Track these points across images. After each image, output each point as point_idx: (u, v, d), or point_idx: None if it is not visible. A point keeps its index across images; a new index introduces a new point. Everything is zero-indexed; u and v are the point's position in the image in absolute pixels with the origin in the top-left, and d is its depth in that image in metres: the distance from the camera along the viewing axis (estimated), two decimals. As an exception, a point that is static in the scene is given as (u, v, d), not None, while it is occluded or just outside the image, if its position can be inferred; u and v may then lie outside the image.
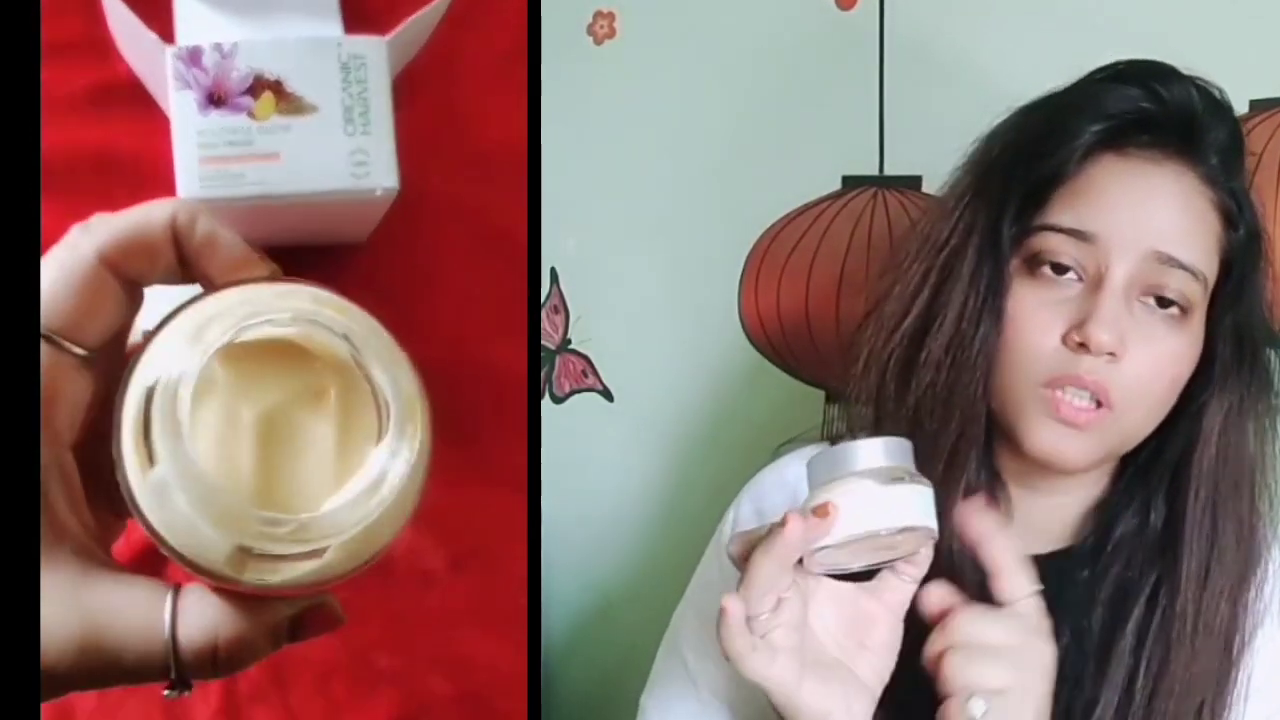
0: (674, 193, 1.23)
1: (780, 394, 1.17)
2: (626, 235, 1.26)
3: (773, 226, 1.17)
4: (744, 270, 1.18)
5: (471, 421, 0.83)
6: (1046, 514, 0.77)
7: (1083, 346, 0.69)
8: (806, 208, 1.15)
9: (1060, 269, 0.71)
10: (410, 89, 0.71)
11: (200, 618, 0.43)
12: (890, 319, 0.77)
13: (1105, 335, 0.68)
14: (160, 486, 0.41)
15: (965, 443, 0.73)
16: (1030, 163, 0.74)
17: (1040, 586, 0.64)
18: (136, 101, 0.76)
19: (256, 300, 0.44)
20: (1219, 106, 0.74)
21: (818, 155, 1.14)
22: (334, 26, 0.72)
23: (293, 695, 0.78)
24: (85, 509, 0.45)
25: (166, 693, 0.43)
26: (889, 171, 1.12)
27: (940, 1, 1.08)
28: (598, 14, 1.24)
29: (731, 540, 0.63)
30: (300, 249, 0.79)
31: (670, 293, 1.24)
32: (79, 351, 0.45)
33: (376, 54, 0.67)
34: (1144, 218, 0.70)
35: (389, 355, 0.45)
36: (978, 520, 0.64)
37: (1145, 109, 0.72)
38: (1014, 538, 0.65)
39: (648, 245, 1.25)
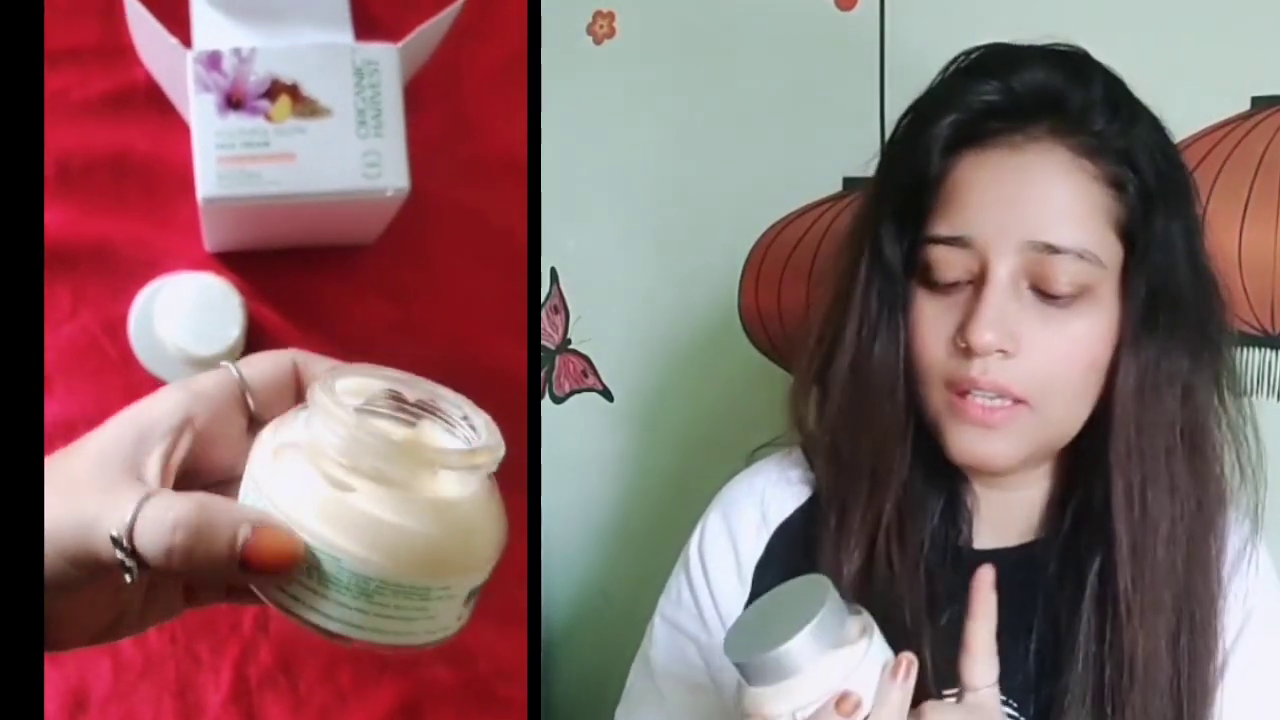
0: (674, 192, 1.26)
1: (780, 394, 1.17)
2: (626, 235, 1.29)
3: (773, 227, 1.20)
4: (744, 270, 1.21)
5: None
6: (1011, 509, 0.78)
7: (968, 349, 0.69)
8: (807, 208, 1.18)
9: (952, 278, 0.71)
10: (417, 95, 0.76)
11: (164, 510, 0.48)
12: (807, 350, 0.79)
13: (987, 335, 0.68)
14: None
15: (884, 459, 0.75)
16: (896, 172, 0.75)
17: (995, 678, 0.64)
18: (152, 105, 0.82)
19: None
20: (1082, 70, 0.72)
21: (818, 155, 1.17)
22: (345, 34, 0.77)
23: (301, 682, 0.83)
24: (171, 468, 0.51)
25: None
26: (889, 172, 1.15)
27: (940, 2, 1.11)
28: (598, 14, 1.28)
29: None
30: (311, 250, 0.85)
31: (670, 293, 1.27)
32: (250, 404, 0.54)
33: (389, 60, 0.72)
34: (1012, 209, 0.69)
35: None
36: (983, 594, 0.64)
37: (992, 99, 0.71)
38: (992, 626, 0.64)
39: (648, 245, 1.28)
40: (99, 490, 0.49)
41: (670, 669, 0.85)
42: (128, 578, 0.48)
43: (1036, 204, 0.69)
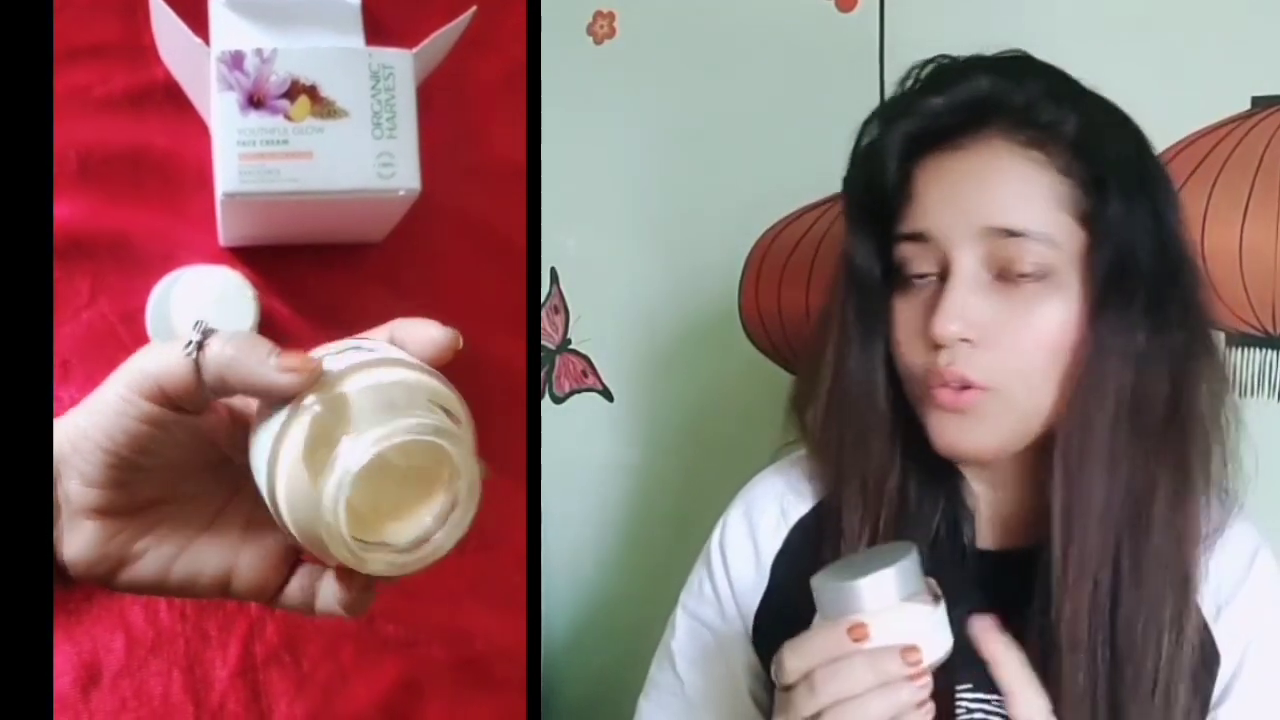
0: (674, 192, 1.31)
1: (781, 394, 1.17)
2: (626, 235, 1.34)
3: (773, 227, 1.25)
4: (744, 270, 1.26)
5: (475, 414, 0.94)
6: (1014, 509, 0.82)
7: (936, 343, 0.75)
8: (807, 208, 1.23)
9: (920, 275, 0.77)
10: (425, 100, 0.81)
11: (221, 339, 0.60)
12: (807, 362, 0.86)
13: (951, 325, 0.74)
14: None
15: (873, 466, 0.80)
16: (858, 183, 0.82)
17: (1046, 705, 0.70)
18: (170, 102, 0.88)
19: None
20: (1021, 70, 0.78)
21: (817, 156, 1.14)
22: (357, 38, 0.83)
23: (305, 658, 0.89)
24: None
25: None
26: (889, 173, 1.20)
27: (940, 3, 1.16)
28: (598, 14, 1.34)
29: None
30: (322, 247, 0.92)
31: (670, 293, 1.32)
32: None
33: (404, 64, 0.78)
34: (966, 200, 0.75)
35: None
36: (989, 641, 0.69)
37: (934, 105, 0.78)
38: (1022, 658, 0.70)
39: (648, 245, 1.33)
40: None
41: (691, 659, 0.90)
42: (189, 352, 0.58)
43: (988, 192, 0.75)
